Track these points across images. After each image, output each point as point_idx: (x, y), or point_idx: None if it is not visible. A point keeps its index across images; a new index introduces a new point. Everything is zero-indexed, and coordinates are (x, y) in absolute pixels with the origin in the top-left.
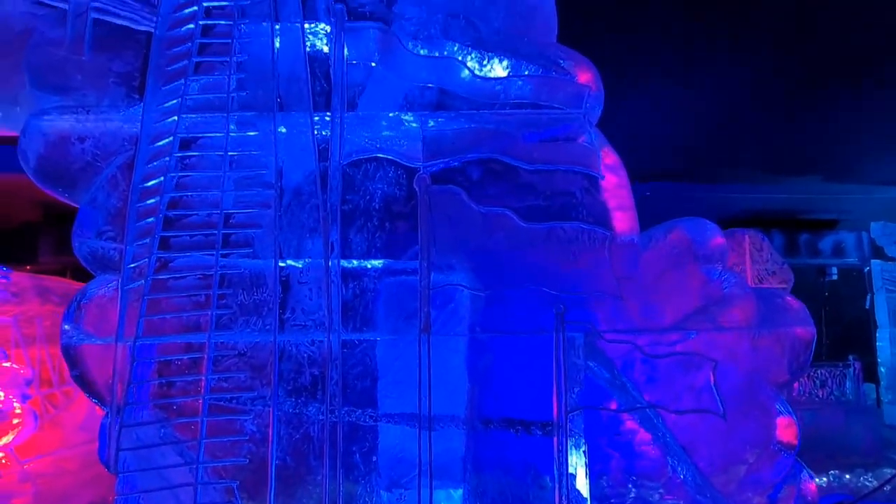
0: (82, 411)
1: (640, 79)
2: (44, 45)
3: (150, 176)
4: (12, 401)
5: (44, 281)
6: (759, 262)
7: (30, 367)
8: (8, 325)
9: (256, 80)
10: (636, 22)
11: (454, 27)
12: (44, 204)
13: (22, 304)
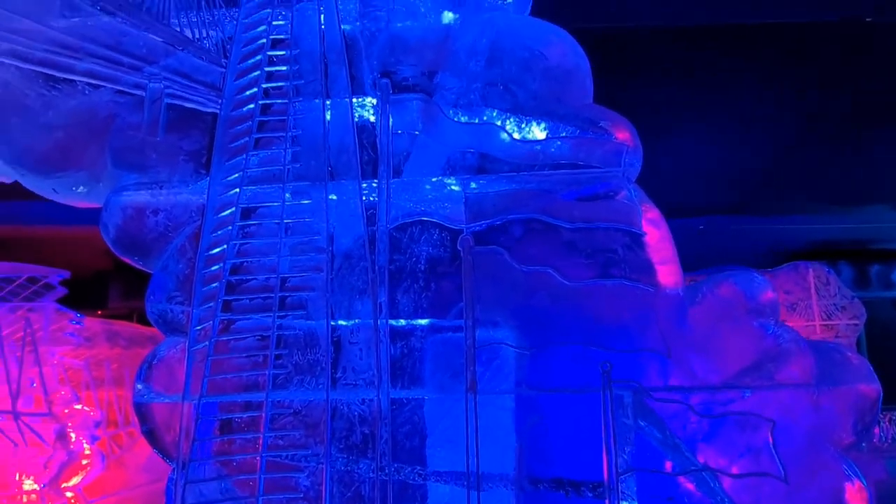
0: (145, 452)
1: (691, 113)
2: (125, 128)
3: (215, 244)
4: (83, 442)
5: (113, 325)
6: (827, 297)
7: (98, 408)
8: (80, 369)
9: (309, 152)
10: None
11: (493, 94)
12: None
13: (93, 347)
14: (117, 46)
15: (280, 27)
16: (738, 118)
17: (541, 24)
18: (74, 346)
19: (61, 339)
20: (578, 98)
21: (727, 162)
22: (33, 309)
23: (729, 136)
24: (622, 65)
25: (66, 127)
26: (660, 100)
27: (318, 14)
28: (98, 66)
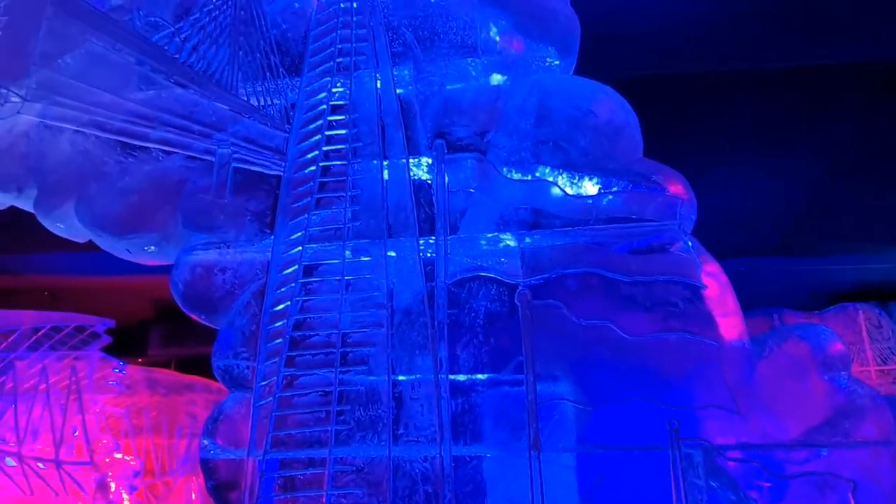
0: (180, 502)
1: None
2: (195, 192)
3: (279, 301)
4: (122, 492)
5: (153, 373)
6: (880, 341)
7: (137, 457)
8: (120, 417)
9: (368, 210)
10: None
11: (544, 151)
12: (156, 300)
13: (133, 395)
14: (189, 115)
15: (339, 94)
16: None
17: (588, 83)
18: (116, 395)
19: (104, 387)
20: (629, 153)
21: (766, 200)
22: (79, 357)
23: (767, 174)
24: (654, 110)
25: (140, 191)
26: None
27: (374, 81)
28: (171, 134)
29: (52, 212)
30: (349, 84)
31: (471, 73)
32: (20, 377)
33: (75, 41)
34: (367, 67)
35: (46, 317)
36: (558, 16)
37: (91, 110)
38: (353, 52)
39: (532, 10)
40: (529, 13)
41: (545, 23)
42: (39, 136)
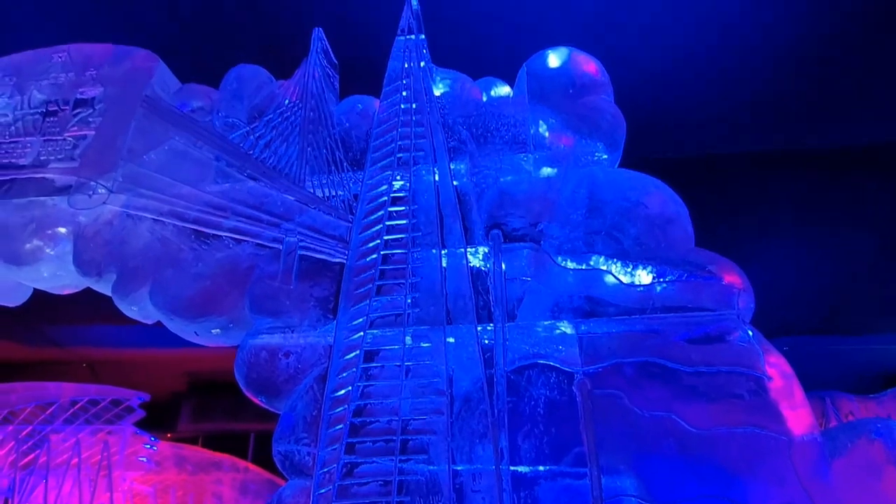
0: None
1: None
2: (263, 278)
3: (340, 386)
4: None
5: (182, 450)
6: None
7: None
8: (147, 496)
9: (428, 298)
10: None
11: (597, 241)
12: (188, 373)
13: (161, 472)
14: (259, 206)
15: (399, 187)
16: (821, 231)
17: (638, 176)
18: (145, 472)
19: (134, 463)
20: (682, 242)
21: (811, 277)
22: (113, 432)
23: (811, 250)
24: (697, 191)
25: (212, 276)
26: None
27: (432, 174)
28: (242, 223)
29: (128, 295)
30: (409, 177)
31: (523, 166)
32: (54, 451)
33: (160, 138)
34: (426, 162)
35: (84, 389)
36: (605, 115)
37: (170, 201)
38: (413, 148)
39: (580, 110)
40: (577, 113)
41: (593, 121)
42: (122, 225)
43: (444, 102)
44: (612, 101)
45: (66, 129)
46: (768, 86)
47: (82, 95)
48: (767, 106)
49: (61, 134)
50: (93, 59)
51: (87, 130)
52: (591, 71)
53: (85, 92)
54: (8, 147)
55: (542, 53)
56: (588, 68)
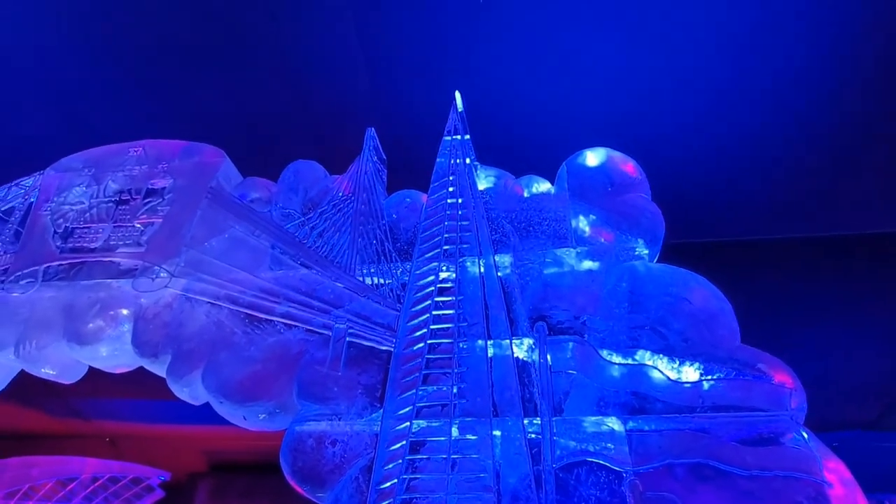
0: None
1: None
2: (312, 363)
3: (386, 478)
4: None
5: None
6: None
7: None
8: None
9: (474, 388)
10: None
11: (641, 336)
12: (207, 452)
13: None
14: (311, 293)
15: (445, 278)
16: (874, 321)
17: (679, 271)
18: None
19: None
20: (728, 339)
21: (864, 369)
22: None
23: (859, 341)
24: (743, 277)
25: (263, 361)
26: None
27: (478, 266)
28: (294, 309)
29: (182, 377)
30: (455, 268)
31: (566, 260)
32: None
33: (222, 227)
34: (471, 254)
35: (106, 466)
36: (644, 212)
37: (227, 286)
38: (459, 240)
39: (619, 207)
40: (617, 210)
41: (633, 218)
42: (181, 308)
43: (488, 197)
44: (649, 199)
45: (136, 217)
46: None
47: (153, 186)
48: (815, 190)
49: (131, 221)
50: (165, 154)
51: (156, 218)
52: (629, 170)
53: (156, 183)
54: (82, 232)
55: (581, 153)
56: (625, 168)
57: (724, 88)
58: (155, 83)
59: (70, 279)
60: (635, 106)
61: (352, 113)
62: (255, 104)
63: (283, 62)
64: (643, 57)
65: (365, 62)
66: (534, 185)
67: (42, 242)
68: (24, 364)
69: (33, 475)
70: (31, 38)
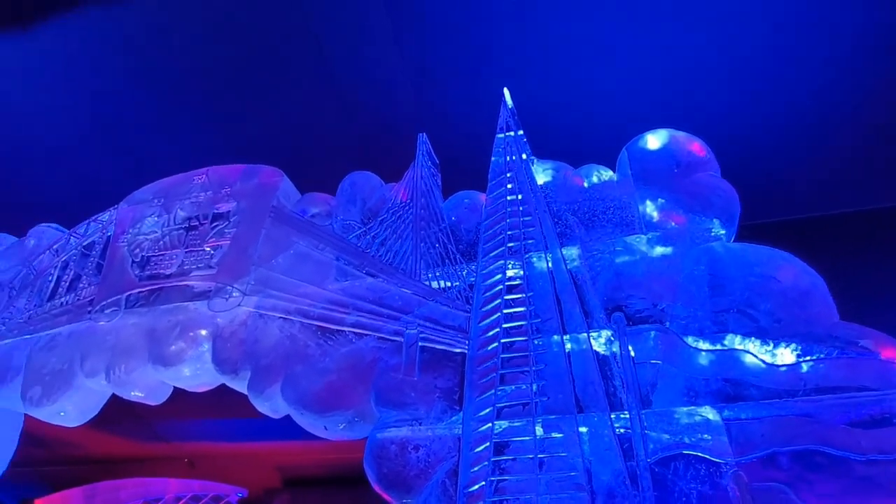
0: None
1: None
2: (387, 370)
3: (473, 481)
4: None
5: None
6: None
7: None
8: None
9: (555, 385)
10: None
11: (728, 319)
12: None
13: None
14: (379, 301)
15: (513, 275)
16: None
17: (763, 250)
18: None
19: None
20: (824, 316)
21: None
22: None
23: None
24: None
25: (338, 371)
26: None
27: (545, 261)
28: (363, 318)
29: (262, 392)
30: (522, 265)
31: (637, 247)
32: None
33: (287, 244)
34: (537, 249)
35: (187, 486)
36: (717, 191)
37: (296, 300)
38: (523, 236)
39: (689, 188)
40: (687, 191)
41: (705, 199)
42: (255, 324)
43: (548, 191)
44: (719, 177)
45: (206, 241)
46: None
47: (218, 210)
48: None
49: (201, 245)
50: (227, 178)
51: (224, 241)
52: (695, 150)
53: (221, 207)
54: (157, 259)
55: (641, 137)
56: (691, 147)
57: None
58: (211, 113)
59: (150, 305)
60: (691, 84)
61: (400, 122)
62: (306, 124)
63: (328, 82)
64: (695, 31)
65: (407, 71)
66: (594, 174)
67: (122, 272)
68: (115, 388)
69: (121, 498)
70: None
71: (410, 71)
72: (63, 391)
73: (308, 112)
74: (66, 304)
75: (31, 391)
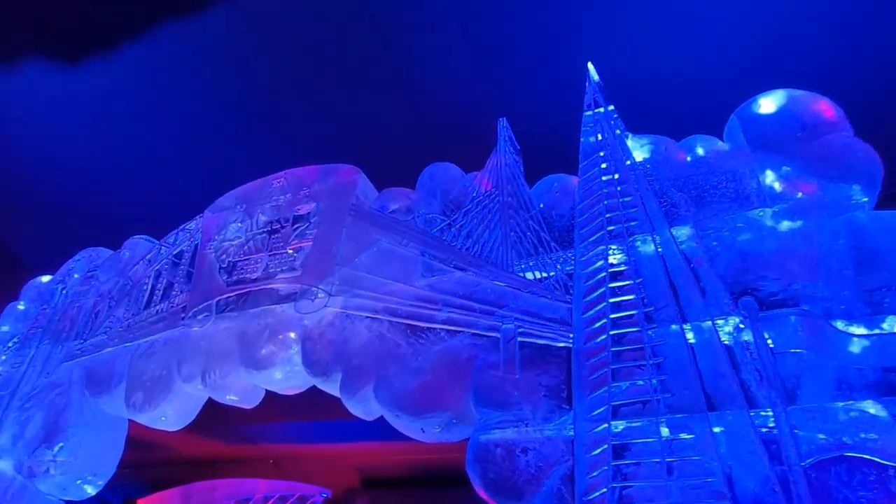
0: None
1: None
2: (485, 368)
3: (593, 488)
4: None
5: None
6: None
7: None
8: None
9: (679, 380)
10: None
11: (884, 298)
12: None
13: None
14: (470, 296)
15: (618, 261)
16: None
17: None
18: None
19: None
20: None
21: None
22: None
23: None
24: None
25: (433, 370)
26: None
27: (653, 244)
28: (455, 314)
29: (356, 394)
30: (626, 250)
31: (761, 222)
32: None
33: (369, 241)
34: (642, 231)
35: (274, 486)
36: (854, 153)
37: (383, 298)
38: (624, 219)
39: (819, 153)
40: (817, 157)
41: (839, 163)
42: (342, 325)
43: (648, 168)
44: (854, 137)
45: (288, 244)
46: None
47: (298, 212)
48: None
49: (284, 248)
50: (304, 180)
51: (306, 242)
52: (822, 110)
53: (300, 209)
54: (243, 264)
55: (753, 101)
56: (817, 107)
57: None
58: (284, 119)
59: (239, 309)
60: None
61: (472, 110)
62: (377, 121)
63: (398, 76)
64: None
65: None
66: (698, 146)
67: (211, 278)
68: (211, 392)
69: (216, 497)
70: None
71: (480, 56)
72: (163, 396)
73: (379, 108)
74: (162, 311)
75: (134, 397)
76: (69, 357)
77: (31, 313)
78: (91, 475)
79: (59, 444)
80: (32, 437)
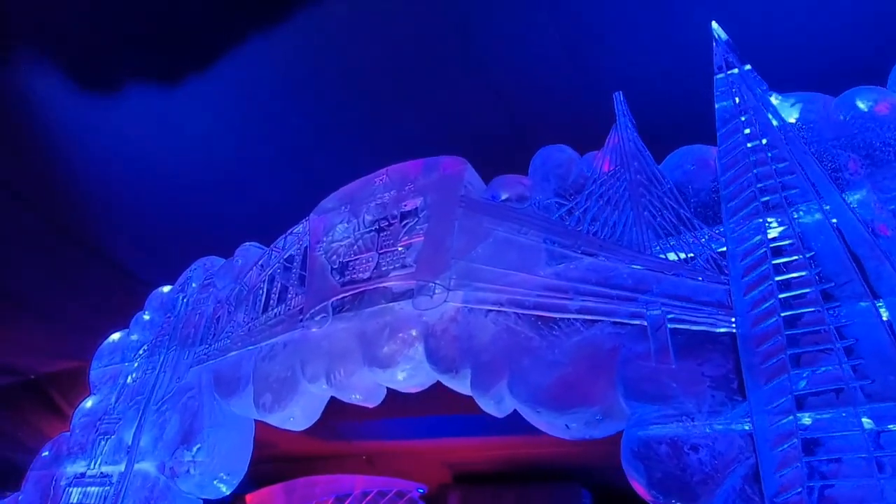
0: None
1: None
2: (632, 358)
3: (785, 488)
4: None
5: None
6: None
7: None
8: None
9: (878, 364)
10: None
11: None
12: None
13: None
14: (605, 282)
15: (779, 234)
16: None
17: None
18: None
19: None
20: None
21: None
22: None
23: None
24: None
25: (573, 363)
26: None
27: (820, 213)
28: (590, 302)
29: (489, 390)
30: (788, 221)
31: None
32: None
33: (484, 232)
34: (805, 200)
35: (372, 482)
36: None
37: (506, 290)
38: (780, 187)
39: None
40: None
41: None
42: (466, 320)
43: (803, 128)
44: None
45: (398, 241)
46: None
47: (406, 208)
48: None
49: (394, 245)
50: (408, 175)
51: (416, 238)
52: None
53: (407, 204)
54: (354, 264)
55: None
56: None
57: None
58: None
59: (355, 309)
60: None
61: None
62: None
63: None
64: None
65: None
66: (859, 100)
67: (324, 279)
68: (336, 392)
69: (317, 493)
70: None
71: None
72: (291, 397)
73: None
74: (280, 314)
75: (263, 398)
76: (197, 362)
77: (156, 322)
78: (226, 474)
79: (197, 445)
80: (171, 439)
